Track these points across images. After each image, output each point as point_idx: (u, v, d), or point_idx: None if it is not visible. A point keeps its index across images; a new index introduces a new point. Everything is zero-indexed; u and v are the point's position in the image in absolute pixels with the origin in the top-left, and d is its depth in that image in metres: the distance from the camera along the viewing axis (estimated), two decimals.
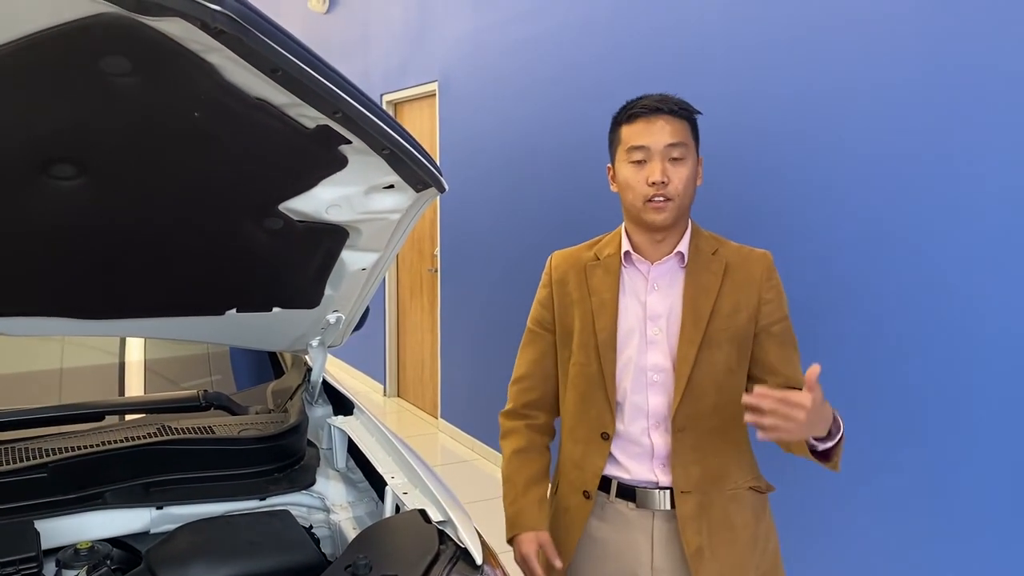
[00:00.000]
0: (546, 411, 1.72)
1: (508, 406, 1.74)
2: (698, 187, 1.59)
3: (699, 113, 1.59)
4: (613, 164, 1.60)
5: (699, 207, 3.00)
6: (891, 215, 2.39)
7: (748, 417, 1.30)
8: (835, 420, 1.40)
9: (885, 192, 2.40)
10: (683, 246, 1.59)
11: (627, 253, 1.61)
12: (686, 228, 1.61)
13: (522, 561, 1.60)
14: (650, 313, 1.59)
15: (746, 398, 1.29)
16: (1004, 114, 2.11)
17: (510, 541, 1.64)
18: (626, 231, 1.63)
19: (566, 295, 1.66)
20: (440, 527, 1.45)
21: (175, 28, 1.01)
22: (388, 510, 1.62)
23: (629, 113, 1.56)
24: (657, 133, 1.51)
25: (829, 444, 1.40)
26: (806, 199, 2.65)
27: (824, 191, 2.58)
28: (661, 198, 1.51)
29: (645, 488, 1.58)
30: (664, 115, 1.52)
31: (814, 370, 1.27)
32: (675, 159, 1.52)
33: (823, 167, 2.58)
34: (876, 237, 2.43)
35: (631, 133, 1.54)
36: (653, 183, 1.50)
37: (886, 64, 2.38)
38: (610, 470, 1.62)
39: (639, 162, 1.53)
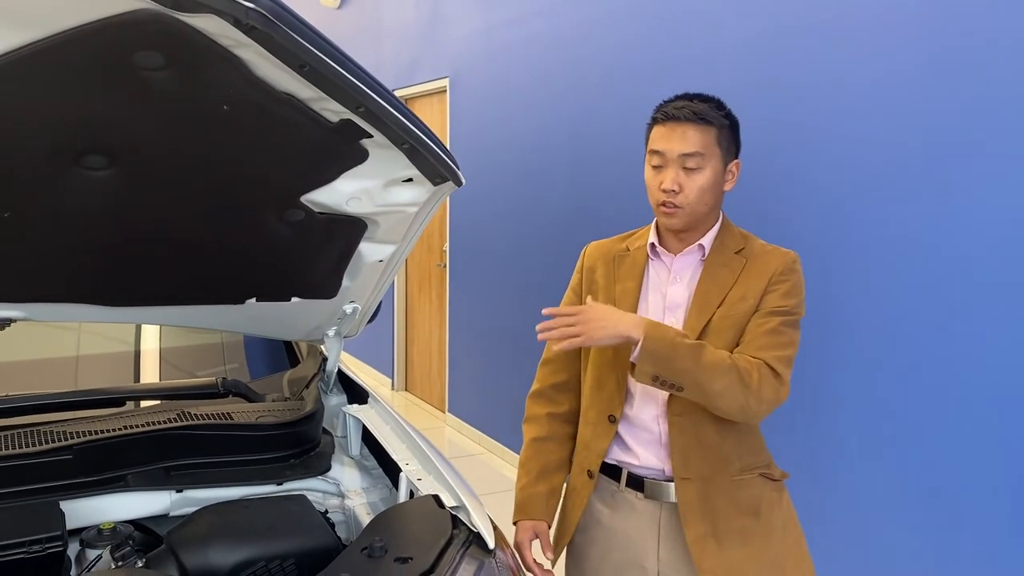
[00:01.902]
0: (572, 393, 1.75)
1: (535, 387, 1.78)
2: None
3: (727, 120, 1.56)
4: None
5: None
6: (895, 217, 2.42)
7: (541, 335, 1.47)
8: (644, 332, 1.47)
9: (890, 195, 2.43)
10: (706, 240, 1.61)
11: (652, 245, 1.65)
12: (713, 223, 1.63)
13: (516, 547, 1.66)
14: (669, 303, 1.62)
15: (540, 326, 1.48)
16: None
17: (515, 523, 1.70)
18: (655, 224, 1.67)
19: (593, 282, 1.71)
20: (453, 512, 1.48)
21: (208, 24, 1.04)
22: (402, 496, 1.65)
23: (656, 115, 1.58)
24: (675, 140, 1.53)
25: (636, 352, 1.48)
26: (811, 200, 2.67)
27: (831, 192, 2.61)
28: (671, 205, 1.54)
29: (654, 480, 1.62)
30: (683, 123, 1.52)
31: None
32: (689, 168, 1.53)
33: (830, 169, 2.61)
34: (880, 239, 2.46)
35: (655, 136, 1.57)
36: (664, 190, 1.54)
37: (901, 66, 2.40)
38: (621, 456, 1.65)
39: (657, 167, 1.56)
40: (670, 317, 1.61)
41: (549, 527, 1.70)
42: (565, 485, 1.76)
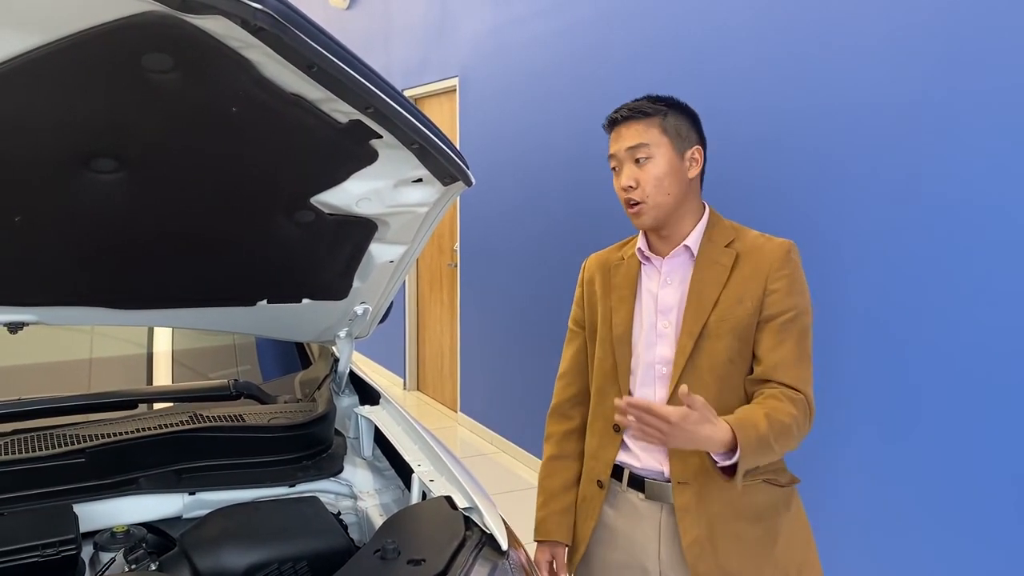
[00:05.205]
0: (583, 406, 1.77)
1: (552, 402, 1.81)
2: (697, 178, 1.60)
3: (666, 107, 1.57)
4: None
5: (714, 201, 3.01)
6: (893, 214, 2.40)
7: (617, 417, 1.36)
8: (739, 447, 1.38)
9: (888, 193, 2.41)
10: (692, 239, 1.60)
11: (640, 250, 1.66)
12: (698, 220, 1.62)
13: (536, 566, 1.68)
14: (661, 307, 1.62)
15: (616, 401, 1.36)
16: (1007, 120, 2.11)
17: (536, 541, 1.74)
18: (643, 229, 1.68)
19: (592, 293, 1.73)
20: (466, 513, 1.48)
21: (216, 26, 1.03)
22: (415, 497, 1.65)
23: (604, 126, 1.64)
24: (620, 140, 1.59)
25: (725, 462, 1.42)
26: (815, 195, 2.65)
27: (831, 190, 2.59)
28: (634, 202, 1.57)
29: (654, 480, 1.61)
30: (622, 122, 1.59)
31: (682, 389, 1.33)
32: (639, 160, 1.56)
33: (835, 166, 2.59)
34: (880, 237, 2.44)
35: (609, 144, 1.63)
36: (624, 188, 1.58)
37: (892, 71, 2.39)
38: (622, 457, 1.66)
39: (614, 169, 1.61)
40: (663, 320, 1.61)
41: (567, 544, 1.73)
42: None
